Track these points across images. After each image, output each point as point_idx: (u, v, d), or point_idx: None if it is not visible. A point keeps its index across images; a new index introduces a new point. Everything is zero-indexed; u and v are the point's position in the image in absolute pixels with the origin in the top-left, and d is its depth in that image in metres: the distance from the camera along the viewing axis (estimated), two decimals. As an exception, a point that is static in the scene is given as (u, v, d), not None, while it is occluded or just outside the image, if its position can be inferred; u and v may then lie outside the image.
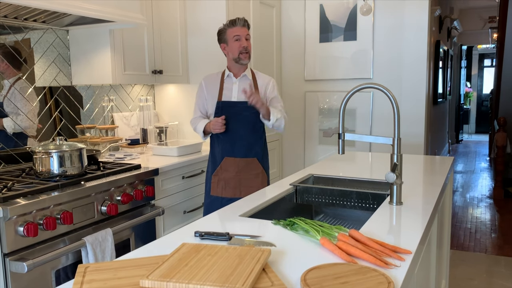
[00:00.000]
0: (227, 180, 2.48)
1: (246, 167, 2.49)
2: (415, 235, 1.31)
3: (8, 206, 1.69)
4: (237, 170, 2.48)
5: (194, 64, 3.32)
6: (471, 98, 12.50)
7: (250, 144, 2.50)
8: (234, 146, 2.47)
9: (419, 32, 3.64)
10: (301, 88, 4.17)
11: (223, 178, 2.48)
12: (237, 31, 2.42)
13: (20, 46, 2.47)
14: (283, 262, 1.12)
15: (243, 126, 2.47)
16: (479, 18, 9.39)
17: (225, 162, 2.48)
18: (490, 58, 12.59)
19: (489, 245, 3.88)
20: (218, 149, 2.50)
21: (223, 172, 2.48)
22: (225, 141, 2.48)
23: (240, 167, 2.48)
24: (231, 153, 2.47)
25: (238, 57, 2.44)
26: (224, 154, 2.48)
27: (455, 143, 10.39)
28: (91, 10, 2.19)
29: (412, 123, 3.73)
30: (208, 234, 1.31)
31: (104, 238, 2.03)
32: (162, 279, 0.93)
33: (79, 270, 1.03)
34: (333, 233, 1.26)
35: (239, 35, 2.42)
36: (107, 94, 3.07)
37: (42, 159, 2.06)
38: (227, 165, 2.48)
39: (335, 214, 2.07)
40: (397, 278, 1.01)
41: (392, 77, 3.77)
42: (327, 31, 3.97)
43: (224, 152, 2.48)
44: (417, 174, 2.21)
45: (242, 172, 2.48)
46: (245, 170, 2.49)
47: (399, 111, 1.64)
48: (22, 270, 1.71)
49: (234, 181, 2.48)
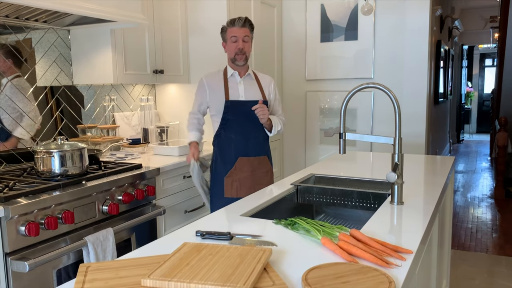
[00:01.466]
0: (242, 180, 2.47)
1: (259, 165, 2.50)
2: (416, 234, 1.31)
3: (9, 205, 1.69)
4: (251, 170, 2.47)
5: (195, 64, 3.32)
6: (472, 98, 12.49)
7: (261, 142, 2.52)
8: (247, 146, 2.46)
9: (420, 32, 3.64)
10: (302, 88, 4.17)
11: (237, 178, 2.46)
12: (235, 31, 2.42)
13: (21, 46, 2.47)
14: (284, 261, 1.12)
15: (254, 125, 2.47)
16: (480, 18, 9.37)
17: (239, 163, 2.46)
18: (491, 57, 12.57)
19: (490, 245, 3.87)
20: (230, 150, 2.47)
21: (237, 173, 2.46)
22: (237, 141, 2.46)
23: (254, 166, 2.48)
24: (245, 153, 2.47)
25: (234, 57, 2.46)
26: (238, 154, 2.46)
27: (456, 142, 10.38)
28: (92, 10, 2.20)
29: (413, 123, 3.73)
30: (209, 233, 1.31)
31: (105, 237, 2.03)
32: (164, 279, 0.94)
33: (81, 269, 1.03)
34: (334, 233, 1.26)
35: (236, 36, 2.42)
36: (108, 93, 3.08)
37: (43, 158, 2.06)
38: (241, 165, 2.47)
39: (336, 214, 2.07)
40: (398, 278, 1.01)
41: (393, 77, 3.77)
42: (328, 30, 3.97)
43: (238, 152, 2.46)
44: (418, 174, 2.21)
45: (255, 171, 2.49)
46: (258, 169, 2.50)
47: (400, 111, 1.64)
48: (23, 269, 1.71)
49: (249, 180, 2.47)
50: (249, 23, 2.46)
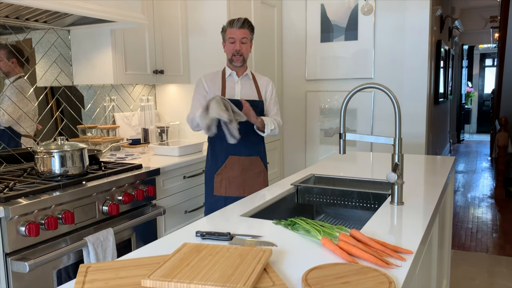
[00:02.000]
0: (231, 179, 2.47)
1: (250, 165, 2.50)
2: (416, 235, 1.31)
3: (9, 206, 1.69)
4: (241, 169, 2.47)
5: (195, 64, 3.32)
6: (473, 98, 12.49)
7: (253, 143, 2.51)
8: (238, 145, 2.46)
9: (420, 32, 3.64)
10: (302, 88, 4.17)
11: (227, 177, 2.47)
12: (233, 32, 2.43)
13: (21, 46, 2.47)
14: (284, 262, 1.12)
15: (245, 125, 2.46)
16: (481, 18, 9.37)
17: (229, 161, 2.47)
18: (491, 57, 12.57)
19: (491, 245, 3.87)
20: (221, 148, 2.49)
21: (227, 171, 2.47)
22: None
23: (244, 166, 2.48)
24: (236, 152, 2.47)
25: (231, 58, 2.47)
26: (228, 153, 2.47)
27: (456, 143, 10.38)
28: (92, 10, 2.20)
29: (413, 123, 3.73)
30: (209, 234, 1.31)
31: (105, 238, 2.03)
32: (164, 279, 0.94)
33: (81, 269, 1.03)
34: (334, 233, 1.26)
35: (234, 38, 2.43)
36: (109, 94, 3.08)
37: (43, 159, 2.06)
38: (231, 164, 2.47)
39: (336, 214, 2.07)
40: (398, 278, 1.02)
41: (393, 77, 3.77)
42: (328, 31, 3.97)
43: (229, 150, 2.47)
44: (418, 174, 2.21)
45: (246, 171, 2.49)
46: (248, 169, 2.49)
47: (400, 111, 1.64)
48: (23, 269, 1.71)
49: (238, 180, 2.48)
50: (249, 24, 2.46)
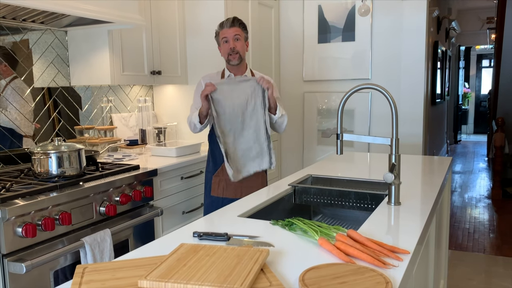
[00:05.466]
0: (228, 181, 2.47)
1: None
2: (413, 235, 1.31)
3: (6, 207, 1.69)
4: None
5: (193, 65, 3.32)
6: (469, 99, 12.53)
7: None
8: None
9: (417, 33, 3.64)
10: (299, 89, 4.17)
11: (224, 179, 2.47)
12: (225, 33, 2.43)
13: (18, 47, 2.47)
14: (282, 262, 1.12)
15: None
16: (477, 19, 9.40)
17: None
18: (488, 58, 12.62)
19: (488, 245, 3.88)
20: (220, 150, 2.49)
21: (225, 173, 2.47)
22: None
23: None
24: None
25: (228, 58, 2.45)
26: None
27: (453, 143, 10.41)
28: (90, 11, 2.19)
29: (411, 124, 3.74)
30: (207, 234, 1.31)
31: (102, 238, 2.03)
32: (161, 280, 0.94)
33: (78, 270, 1.03)
34: (331, 233, 1.26)
35: (227, 37, 2.42)
36: (106, 94, 3.07)
37: (40, 159, 2.06)
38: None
39: (334, 215, 2.07)
40: (395, 278, 1.02)
41: (391, 78, 3.78)
42: (326, 31, 3.98)
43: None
44: (415, 174, 2.21)
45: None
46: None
47: (397, 112, 1.65)
48: (20, 271, 1.70)
49: (236, 182, 2.48)
50: (239, 22, 2.45)
